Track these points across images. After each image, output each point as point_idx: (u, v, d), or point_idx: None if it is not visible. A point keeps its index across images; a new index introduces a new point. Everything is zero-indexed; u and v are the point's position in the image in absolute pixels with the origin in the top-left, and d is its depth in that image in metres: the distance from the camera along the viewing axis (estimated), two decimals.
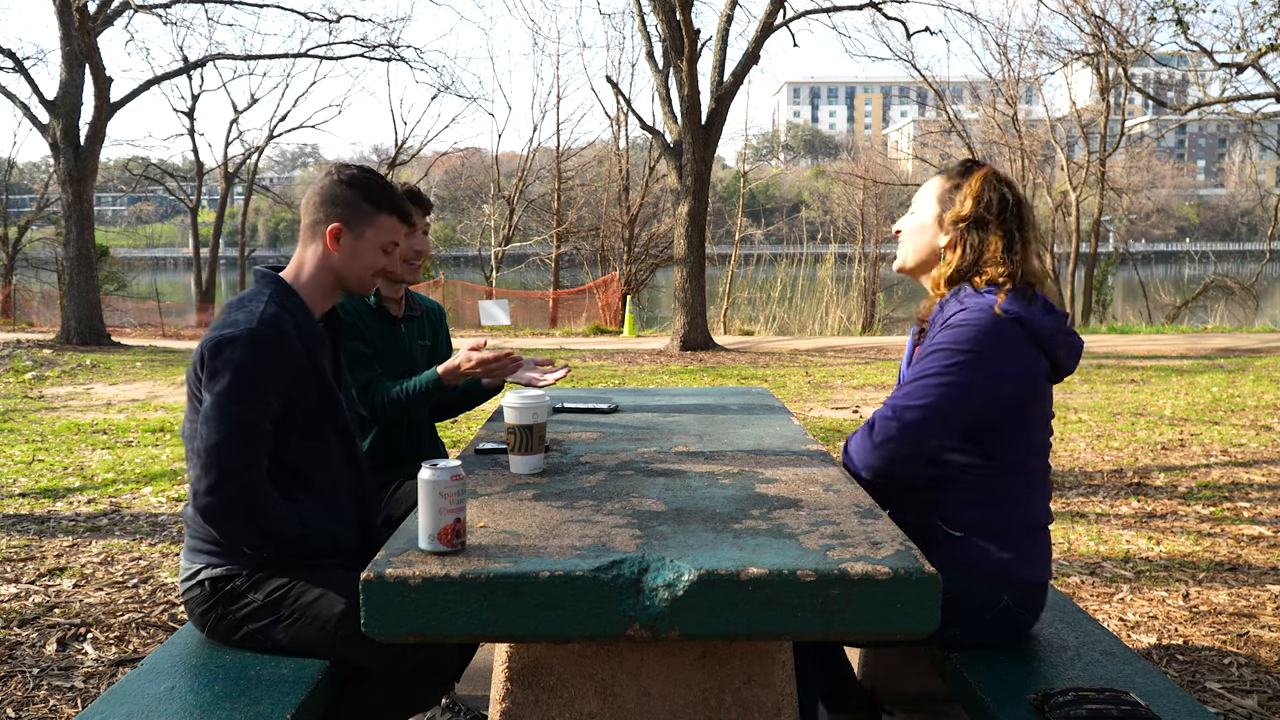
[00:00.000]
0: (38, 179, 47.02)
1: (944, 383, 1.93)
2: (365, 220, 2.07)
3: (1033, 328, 1.93)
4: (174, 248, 74.00)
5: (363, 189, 2.08)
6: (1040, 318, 1.95)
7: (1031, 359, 1.95)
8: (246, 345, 1.88)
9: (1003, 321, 1.92)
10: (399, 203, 2.12)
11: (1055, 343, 1.96)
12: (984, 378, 1.92)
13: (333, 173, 2.11)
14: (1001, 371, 1.92)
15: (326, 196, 2.07)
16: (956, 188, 2.07)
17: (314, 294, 2.08)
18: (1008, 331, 1.92)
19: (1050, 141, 25.65)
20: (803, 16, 14.95)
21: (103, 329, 16.24)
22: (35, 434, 7.15)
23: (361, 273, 2.10)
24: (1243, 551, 4.02)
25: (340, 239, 2.06)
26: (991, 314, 1.92)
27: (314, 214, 2.08)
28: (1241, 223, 68.99)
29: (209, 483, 1.85)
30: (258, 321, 1.90)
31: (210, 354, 1.89)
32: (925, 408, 1.94)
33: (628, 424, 2.63)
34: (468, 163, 41.17)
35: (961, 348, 1.92)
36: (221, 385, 1.87)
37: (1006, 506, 2.00)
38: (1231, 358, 11.86)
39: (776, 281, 22.19)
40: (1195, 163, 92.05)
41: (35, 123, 15.67)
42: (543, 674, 1.62)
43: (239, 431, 1.87)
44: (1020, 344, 1.93)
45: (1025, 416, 1.99)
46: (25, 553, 4.10)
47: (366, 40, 20.39)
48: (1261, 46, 15.19)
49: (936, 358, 1.95)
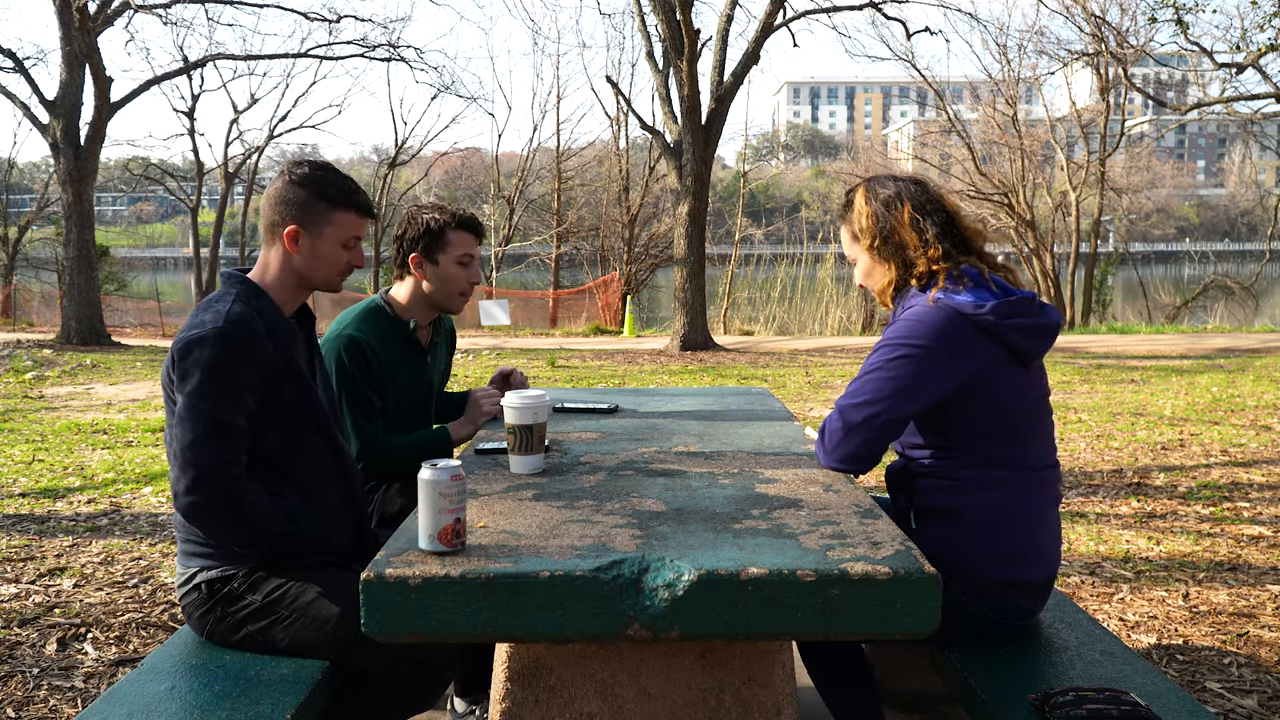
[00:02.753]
0: (38, 179, 47.06)
1: (884, 378, 1.95)
2: (322, 219, 2.05)
3: (977, 319, 1.92)
4: (174, 248, 74.02)
5: (315, 188, 2.05)
6: (987, 305, 1.92)
7: (975, 348, 1.93)
8: (214, 343, 1.88)
9: (946, 315, 1.93)
10: (354, 196, 2.08)
11: (1004, 329, 1.93)
12: (923, 370, 1.93)
13: (285, 173, 2.08)
14: (940, 363, 1.92)
15: (280, 198, 2.05)
16: (851, 222, 2.16)
17: (281, 293, 2.07)
18: (947, 322, 1.93)
19: (1050, 141, 25.64)
20: (803, 16, 14.94)
21: (103, 329, 16.25)
22: (35, 434, 7.14)
23: (326, 272, 2.09)
24: (1243, 551, 4.02)
25: (299, 240, 2.05)
26: (933, 308, 1.95)
27: (271, 216, 2.06)
28: (1241, 223, 69.00)
29: (187, 482, 1.86)
30: (224, 320, 1.90)
31: (180, 355, 1.90)
32: (868, 404, 1.96)
33: (628, 424, 2.63)
34: (468, 163, 41.22)
35: (903, 341, 1.95)
36: (192, 385, 1.87)
37: (970, 498, 1.97)
38: (1231, 358, 11.86)
39: (776, 281, 22.19)
40: (1195, 163, 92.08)
41: (35, 123, 15.68)
42: (543, 674, 1.62)
43: (213, 430, 1.87)
44: (962, 334, 1.92)
45: (979, 406, 1.95)
46: (25, 553, 4.10)
47: (366, 40, 20.40)
48: (1261, 46, 15.19)
49: (880, 353, 1.98)
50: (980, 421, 1.97)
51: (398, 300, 2.67)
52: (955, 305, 1.94)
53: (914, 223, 2.06)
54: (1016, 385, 1.98)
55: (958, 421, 1.98)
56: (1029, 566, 2.00)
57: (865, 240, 2.12)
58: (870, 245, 2.11)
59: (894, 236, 2.07)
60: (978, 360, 1.93)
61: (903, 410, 1.95)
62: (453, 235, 2.62)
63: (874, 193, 2.12)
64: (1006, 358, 1.96)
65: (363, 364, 2.51)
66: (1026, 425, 2.01)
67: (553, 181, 27.40)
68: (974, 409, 1.96)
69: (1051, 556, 2.04)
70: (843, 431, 2.00)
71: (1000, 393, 1.96)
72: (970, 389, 1.94)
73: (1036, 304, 1.99)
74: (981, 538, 1.97)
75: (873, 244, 2.10)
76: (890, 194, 2.10)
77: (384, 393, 2.58)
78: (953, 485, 1.99)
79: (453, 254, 2.62)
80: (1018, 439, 1.99)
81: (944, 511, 2.00)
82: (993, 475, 1.97)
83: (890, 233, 2.08)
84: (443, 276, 2.63)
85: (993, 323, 1.92)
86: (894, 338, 1.97)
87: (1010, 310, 1.93)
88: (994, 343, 1.94)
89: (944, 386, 1.93)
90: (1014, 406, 1.99)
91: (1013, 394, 1.98)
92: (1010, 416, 1.98)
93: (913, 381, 1.93)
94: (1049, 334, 1.99)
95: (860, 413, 1.97)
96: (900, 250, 2.07)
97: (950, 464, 2.00)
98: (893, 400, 1.94)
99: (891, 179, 2.15)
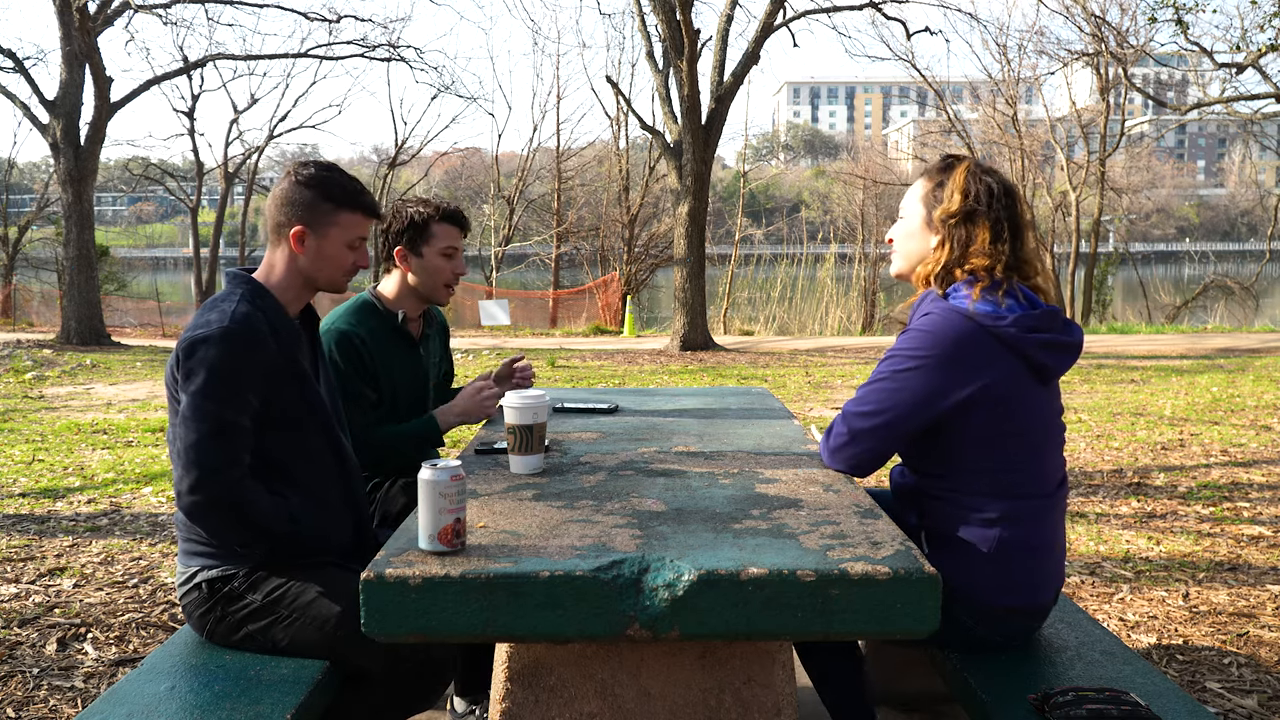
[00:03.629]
0: (38, 179, 47.04)
1: (893, 388, 1.90)
2: (327, 220, 2.06)
3: (997, 331, 1.85)
4: (174, 248, 73.98)
5: (321, 188, 2.05)
6: (1009, 317, 1.86)
7: (993, 362, 1.85)
8: (219, 343, 1.88)
9: (962, 326, 1.86)
10: (360, 197, 2.09)
11: (1026, 343, 1.86)
12: (932, 382, 1.87)
13: (291, 174, 2.07)
14: (950, 375, 1.86)
15: (286, 199, 2.05)
16: (940, 185, 2.03)
17: (286, 294, 2.07)
18: (962, 334, 1.86)
19: (1050, 141, 25.64)
20: (803, 16, 14.94)
21: (103, 329, 16.25)
22: (35, 434, 7.14)
23: (331, 273, 2.09)
24: (1243, 551, 4.02)
25: (304, 241, 2.05)
26: (949, 318, 1.87)
27: (276, 217, 2.06)
28: (1241, 223, 68.99)
29: (190, 482, 1.86)
30: (229, 320, 1.91)
31: (184, 355, 1.90)
32: (873, 414, 1.93)
33: (628, 424, 2.63)
34: (468, 163, 41.20)
35: (913, 353, 1.89)
36: (197, 385, 1.88)
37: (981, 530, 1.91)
38: (1231, 358, 11.86)
39: (776, 281, 22.19)
40: (1195, 163, 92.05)
41: (35, 123, 15.68)
42: (543, 674, 1.62)
43: (217, 430, 1.87)
44: (977, 346, 1.85)
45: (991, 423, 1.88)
46: (25, 553, 4.10)
47: (366, 40, 20.36)
48: (1261, 46, 15.19)
49: (890, 362, 1.93)
50: (993, 442, 1.90)
51: (385, 294, 2.70)
52: (973, 315, 1.86)
53: (996, 226, 1.97)
54: (1033, 403, 1.91)
55: (970, 440, 1.90)
56: (1037, 592, 1.97)
57: (943, 210, 2.00)
58: (945, 218, 1.99)
59: (972, 225, 1.98)
60: (993, 374, 1.85)
61: (908, 421, 1.91)
62: (436, 228, 2.66)
63: (978, 176, 2.00)
64: (1026, 373, 1.88)
65: (354, 358, 2.52)
66: (1040, 444, 1.95)
67: (553, 181, 27.41)
68: (986, 426, 1.88)
69: (1058, 576, 2.01)
70: (847, 437, 1.98)
71: (1014, 411, 1.88)
72: (982, 404, 1.86)
73: (1061, 319, 1.92)
74: (991, 570, 1.91)
75: (948, 218, 1.99)
76: (994, 188, 1.99)
77: (379, 385, 2.60)
78: (963, 515, 1.92)
79: (436, 246, 2.65)
80: (1032, 461, 1.93)
81: (954, 540, 1.94)
82: (1004, 507, 1.90)
83: (972, 220, 1.97)
84: (427, 268, 2.66)
85: (1014, 335, 1.85)
86: (905, 348, 1.91)
87: (1034, 324, 1.87)
88: (1013, 356, 1.87)
89: (953, 400, 1.86)
90: (1029, 425, 1.91)
91: (1028, 412, 1.91)
92: (1024, 435, 1.91)
93: (921, 394, 1.88)
94: (1072, 352, 1.94)
95: (865, 421, 1.95)
96: (967, 241, 1.97)
97: (961, 490, 1.93)
98: (899, 411, 1.90)
99: (994, 173, 2.03)
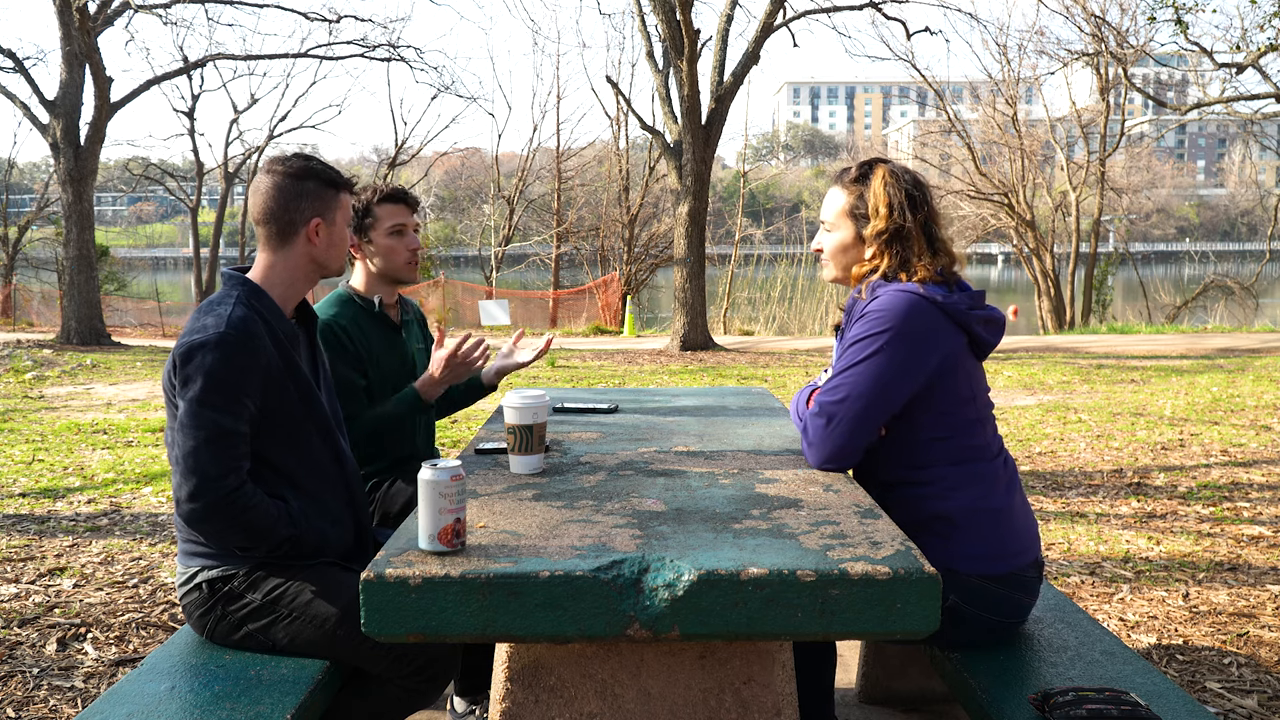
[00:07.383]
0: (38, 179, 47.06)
1: (865, 372, 1.95)
2: (334, 205, 2.08)
3: (946, 306, 1.96)
4: (174, 248, 74.01)
5: (319, 177, 2.06)
6: (956, 294, 2.00)
7: (946, 335, 1.97)
8: (217, 349, 1.87)
9: (915, 302, 1.95)
10: (341, 176, 2.12)
11: (971, 318, 1.99)
12: (903, 359, 1.94)
13: (279, 171, 2.03)
14: (920, 350, 1.94)
15: (291, 194, 2.02)
16: (861, 198, 2.08)
17: (286, 292, 2.06)
18: (922, 311, 1.95)
19: (1050, 141, 25.66)
20: (803, 16, 14.95)
21: (103, 329, 16.25)
22: (35, 434, 7.14)
23: (340, 256, 2.12)
24: (1243, 551, 4.02)
25: (320, 231, 2.05)
26: (903, 296, 1.96)
27: (284, 215, 2.02)
28: (1241, 223, 69.02)
29: (190, 489, 1.85)
30: (226, 324, 1.89)
31: (181, 361, 1.89)
32: (850, 400, 1.96)
33: (628, 424, 2.63)
34: (468, 163, 41.19)
35: (877, 332, 1.94)
36: (194, 391, 1.87)
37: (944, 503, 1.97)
38: (1231, 358, 11.86)
39: (776, 281, 22.19)
40: (1195, 163, 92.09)
41: (35, 123, 15.68)
42: (543, 674, 1.62)
43: (215, 436, 1.86)
44: (934, 320, 1.95)
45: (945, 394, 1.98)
46: (25, 553, 4.10)
47: (366, 40, 20.34)
48: (1261, 46, 15.19)
49: (856, 348, 1.97)
50: (948, 410, 1.99)
51: (357, 286, 2.76)
52: (925, 294, 1.96)
53: (927, 233, 2.04)
54: (974, 375, 2.04)
55: (929, 409, 1.99)
56: (1013, 556, 2.01)
57: (873, 225, 2.05)
58: (877, 233, 2.04)
59: (905, 240, 2.03)
60: (947, 346, 1.97)
61: (887, 400, 1.95)
62: (378, 209, 2.69)
63: (897, 180, 2.05)
64: (967, 347, 2.01)
65: (336, 346, 2.56)
66: (982, 416, 2.05)
67: (553, 181, 27.41)
68: (941, 398, 1.98)
69: (1031, 540, 2.05)
70: (825, 426, 1.99)
71: (961, 382, 2.00)
72: (940, 375, 1.97)
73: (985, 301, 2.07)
74: (965, 540, 1.97)
75: (881, 233, 2.04)
76: (914, 194, 2.04)
77: (366, 372, 2.63)
78: (924, 490, 1.99)
79: (382, 227, 2.69)
80: (977, 429, 2.03)
81: (922, 522, 1.97)
82: (961, 472, 1.99)
83: (905, 231, 2.03)
84: (380, 250, 2.70)
85: (963, 311, 1.98)
86: (870, 330, 1.96)
87: (973, 303, 2.01)
88: (960, 331, 1.99)
89: (924, 372, 1.95)
90: (972, 395, 2.03)
91: (971, 383, 2.03)
92: (971, 404, 2.02)
93: (894, 371, 1.94)
94: (1001, 329, 2.07)
95: (843, 407, 1.96)
96: (905, 249, 2.03)
97: (920, 463, 2.00)
98: (876, 392, 1.94)
99: (907, 171, 2.09)
